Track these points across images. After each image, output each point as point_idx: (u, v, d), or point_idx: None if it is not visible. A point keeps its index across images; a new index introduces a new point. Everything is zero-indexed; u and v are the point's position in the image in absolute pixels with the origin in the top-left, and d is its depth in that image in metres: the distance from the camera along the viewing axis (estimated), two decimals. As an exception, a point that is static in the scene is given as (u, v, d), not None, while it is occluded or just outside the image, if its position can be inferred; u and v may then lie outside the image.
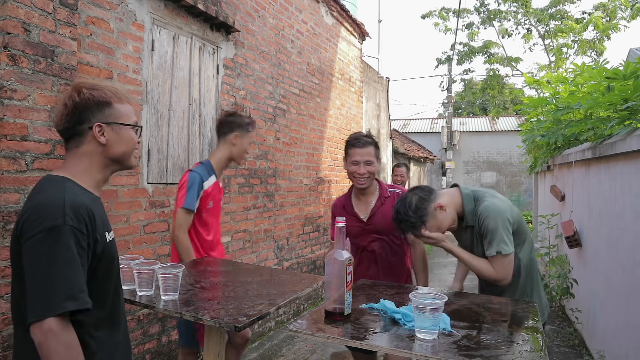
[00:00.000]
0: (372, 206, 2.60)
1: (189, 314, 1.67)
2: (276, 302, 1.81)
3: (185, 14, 3.77)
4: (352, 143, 2.56)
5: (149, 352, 3.43)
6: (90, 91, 1.41)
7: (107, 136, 1.42)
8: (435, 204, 2.18)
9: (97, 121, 1.41)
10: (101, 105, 1.42)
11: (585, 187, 4.90)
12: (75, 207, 1.29)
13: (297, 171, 5.77)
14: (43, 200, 1.29)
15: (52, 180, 1.37)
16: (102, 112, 1.42)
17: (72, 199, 1.29)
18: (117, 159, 1.47)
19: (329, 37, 6.73)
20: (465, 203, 2.25)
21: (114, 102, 1.44)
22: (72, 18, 2.67)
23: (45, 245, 1.23)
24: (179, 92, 3.76)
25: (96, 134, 1.40)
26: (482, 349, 1.36)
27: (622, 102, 3.77)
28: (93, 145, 1.42)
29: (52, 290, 1.20)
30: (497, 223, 2.13)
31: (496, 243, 2.10)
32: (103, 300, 1.37)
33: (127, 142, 1.46)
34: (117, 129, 1.44)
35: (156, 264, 1.90)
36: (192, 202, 2.63)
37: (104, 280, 1.38)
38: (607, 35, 13.71)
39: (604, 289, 4.05)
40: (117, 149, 1.44)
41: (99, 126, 1.40)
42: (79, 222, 1.28)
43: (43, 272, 1.21)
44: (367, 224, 2.56)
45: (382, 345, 1.37)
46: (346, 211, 2.60)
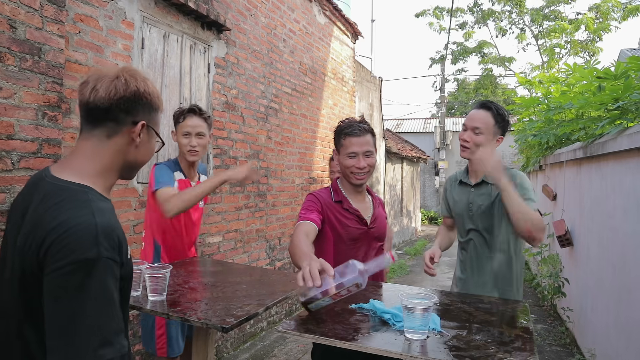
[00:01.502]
0: (371, 207, 2.28)
1: (176, 315, 1.64)
2: (265, 303, 1.79)
3: (175, 12, 3.74)
4: (347, 131, 2.14)
5: (139, 354, 3.39)
6: (147, 86, 1.26)
7: (142, 138, 1.26)
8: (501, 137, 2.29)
9: (145, 120, 1.25)
10: (152, 106, 1.28)
11: (576, 187, 4.91)
12: (108, 232, 1.08)
13: (290, 171, 5.75)
14: (71, 223, 1.05)
15: (74, 191, 1.14)
16: (150, 113, 1.27)
17: (104, 222, 1.08)
18: (133, 165, 1.30)
19: (322, 37, 6.71)
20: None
21: (159, 110, 1.31)
22: (60, 15, 2.63)
23: (75, 281, 1.01)
24: (170, 90, 3.73)
25: (137, 130, 1.23)
26: (472, 349, 1.35)
27: (612, 101, 3.78)
28: (124, 142, 1.23)
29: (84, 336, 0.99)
30: (529, 183, 2.20)
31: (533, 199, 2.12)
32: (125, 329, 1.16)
33: (150, 153, 1.32)
34: (151, 135, 1.29)
35: (143, 264, 1.87)
36: (166, 180, 2.44)
37: (125, 306, 1.20)
38: (599, 35, 13.81)
39: (595, 288, 4.07)
40: (141, 155, 1.29)
41: (144, 125, 1.25)
42: (113, 250, 1.07)
43: (73, 312, 1.00)
44: (370, 227, 2.20)
45: (371, 345, 1.35)
46: (343, 208, 2.17)
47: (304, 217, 2.02)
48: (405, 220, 13.45)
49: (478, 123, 2.25)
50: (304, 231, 1.92)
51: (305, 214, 2.05)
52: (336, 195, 2.20)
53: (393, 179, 12.03)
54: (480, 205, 2.28)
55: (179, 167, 2.65)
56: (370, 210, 2.26)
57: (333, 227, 2.12)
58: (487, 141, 2.24)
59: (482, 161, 2.05)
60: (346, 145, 2.14)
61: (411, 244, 12.80)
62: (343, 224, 2.13)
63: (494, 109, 2.25)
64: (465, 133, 2.29)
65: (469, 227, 2.36)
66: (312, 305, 1.54)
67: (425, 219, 19.35)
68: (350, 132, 2.12)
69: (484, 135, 2.24)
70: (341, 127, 2.18)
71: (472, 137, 2.26)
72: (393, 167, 12.00)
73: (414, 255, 11.01)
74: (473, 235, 2.35)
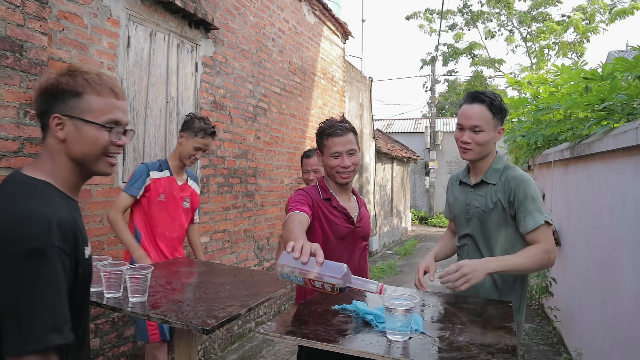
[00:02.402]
0: (356, 206, 2.28)
1: (156, 316, 1.62)
2: (248, 304, 1.77)
3: (162, 10, 3.70)
4: (329, 132, 2.13)
5: (124, 355, 3.35)
6: (59, 77, 1.21)
7: (66, 131, 1.20)
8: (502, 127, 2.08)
9: (58, 112, 1.20)
10: (66, 94, 1.20)
11: (564, 187, 4.94)
12: (62, 224, 1.11)
13: (278, 171, 5.73)
14: (26, 213, 1.09)
15: (32, 185, 1.17)
16: (66, 102, 1.20)
17: (58, 215, 1.12)
18: (78, 160, 1.23)
19: (311, 36, 6.70)
20: (497, 159, 2.10)
21: (84, 93, 1.20)
22: (43, 12, 2.59)
23: (28, 269, 1.04)
24: (156, 89, 3.69)
25: (53, 126, 1.20)
26: (454, 350, 1.34)
27: (599, 102, 3.80)
28: (54, 140, 1.22)
29: (34, 322, 1.03)
30: (537, 192, 1.94)
31: (541, 210, 1.90)
32: (77, 325, 1.19)
33: (89, 143, 1.21)
34: (79, 124, 1.20)
35: (124, 265, 1.84)
36: (132, 187, 2.75)
37: (81, 302, 1.22)
38: (587, 37, 13.95)
39: (582, 287, 4.09)
40: (77, 149, 1.22)
41: (58, 118, 1.19)
42: (64, 242, 1.10)
43: (24, 299, 1.03)
44: (356, 226, 2.20)
45: (353, 347, 1.34)
46: (332, 205, 2.16)
47: (296, 209, 1.98)
48: (395, 220, 13.47)
49: (476, 120, 2.01)
50: (297, 219, 1.89)
51: (297, 205, 2.02)
52: (324, 193, 2.19)
53: (383, 179, 12.04)
54: (477, 207, 2.09)
55: (167, 167, 2.90)
56: (357, 210, 2.26)
57: (322, 224, 2.11)
58: (490, 137, 2.03)
59: (469, 282, 1.77)
60: (329, 146, 2.14)
61: (401, 244, 12.82)
62: (331, 221, 2.13)
63: (488, 100, 2.02)
64: (464, 133, 2.05)
65: (464, 232, 2.19)
66: (284, 273, 1.45)
67: (416, 219, 19.40)
68: (332, 132, 2.12)
69: (485, 132, 2.02)
70: (323, 128, 2.18)
71: (473, 137, 2.03)
72: (383, 167, 12.02)
73: (404, 255, 11.03)
74: (468, 241, 2.18)
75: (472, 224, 2.14)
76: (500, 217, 2.03)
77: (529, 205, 1.92)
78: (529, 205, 1.92)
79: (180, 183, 2.95)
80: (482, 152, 2.07)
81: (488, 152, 2.09)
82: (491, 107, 2.02)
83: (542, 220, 1.90)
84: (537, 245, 1.90)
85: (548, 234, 1.91)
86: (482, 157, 2.10)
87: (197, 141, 2.83)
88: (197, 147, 2.84)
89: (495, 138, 2.06)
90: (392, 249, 11.82)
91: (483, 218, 2.07)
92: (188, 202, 3.00)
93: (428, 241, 14.05)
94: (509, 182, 2.01)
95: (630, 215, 2.86)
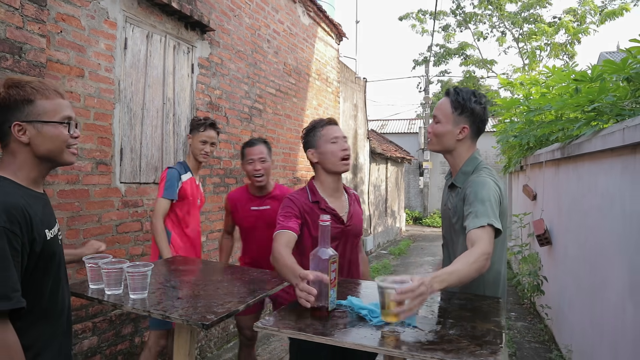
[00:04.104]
0: (347, 205, 2.31)
1: (157, 312, 1.66)
2: (245, 300, 1.82)
3: (159, 12, 3.74)
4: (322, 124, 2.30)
5: (122, 354, 3.39)
6: (8, 90, 1.38)
7: (29, 134, 1.39)
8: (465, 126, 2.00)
9: (16, 120, 1.37)
10: (19, 103, 1.38)
11: (555, 187, 5.02)
12: (8, 208, 1.28)
13: (274, 171, 5.77)
14: None
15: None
16: (21, 110, 1.38)
17: (6, 200, 1.30)
18: (45, 157, 1.44)
19: (306, 38, 6.75)
20: (468, 161, 2.05)
21: (36, 99, 1.40)
22: (41, 14, 2.63)
23: None
24: (153, 90, 3.73)
25: (15, 133, 1.38)
26: (445, 342, 1.40)
27: (588, 103, 3.88)
28: (17, 144, 1.40)
29: None
30: (490, 194, 1.86)
31: (488, 213, 1.79)
32: (39, 296, 1.39)
33: (53, 140, 1.42)
34: (40, 126, 1.40)
35: (125, 263, 1.89)
36: (169, 192, 2.93)
37: (41, 277, 1.40)
38: (578, 39, 14.09)
39: (573, 286, 4.17)
40: (43, 147, 1.41)
41: (18, 125, 1.38)
42: (12, 223, 1.27)
43: None
44: (347, 225, 2.24)
45: (348, 340, 1.39)
46: (320, 208, 2.19)
47: (282, 226, 2.06)
48: (389, 221, 13.55)
49: (436, 111, 2.06)
50: (284, 242, 1.97)
51: (284, 221, 2.09)
52: (313, 196, 2.22)
53: (377, 180, 12.11)
54: (449, 209, 2.08)
55: (188, 168, 3.10)
56: (347, 208, 2.29)
57: (310, 230, 2.16)
58: (447, 132, 2.02)
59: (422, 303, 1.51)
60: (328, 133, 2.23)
61: (395, 244, 12.90)
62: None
63: (453, 94, 2.02)
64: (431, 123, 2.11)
65: (442, 233, 2.22)
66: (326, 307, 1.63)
67: (410, 219, 19.50)
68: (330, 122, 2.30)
69: (441, 124, 2.03)
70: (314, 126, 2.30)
71: (433, 126, 2.07)
72: (377, 167, 12.09)
73: (398, 255, 11.10)
74: (444, 241, 2.21)
75: (445, 225, 2.17)
76: (460, 221, 1.97)
77: (476, 206, 1.83)
78: (475, 207, 1.83)
79: (197, 182, 3.19)
80: (440, 144, 2.06)
81: (449, 147, 2.06)
82: (453, 102, 2.01)
83: (484, 222, 1.77)
84: (475, 250, 1.71)
85: (488, 238, 1.76)
86: (444, 151, 2.09)
87: (200, 135, 3.03)
88: (203, 140, 3.03)
89: (455, 135, 2.02)
90: (386, 249, 11.90)
91: (451, 220, 2.07)
92: (199, 201, 3.23)
93: (422, 241, 14.13)
94: (466, 186, 1.97)
95: (618, 214, 2.93)
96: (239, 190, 3.22)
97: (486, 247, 1.71)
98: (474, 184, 1.93)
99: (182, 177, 3.01)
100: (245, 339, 3.17)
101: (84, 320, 3.08)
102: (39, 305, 1.39)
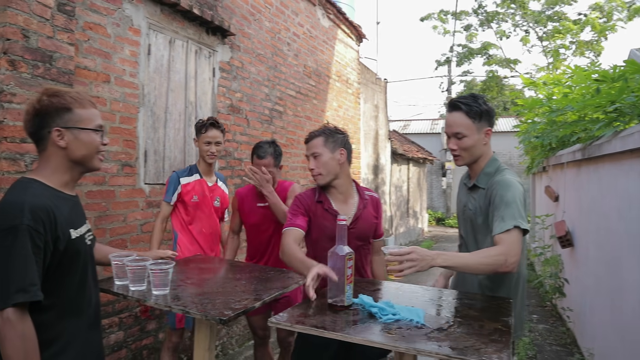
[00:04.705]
0: (355, 208, 2.36)
1: (177, 308, 1.75)
2: (262, 297, 1.90)
3: (181, 18, 3.86)
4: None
5: (146, 348, 3.51)
6: (50, 98, 1.52)
7: (66, 140, 1.53)
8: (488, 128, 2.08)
9: (56, 126, 1.52)
10: (60, 110, 1.52)
11: (576, 188, 4.97)
12: (34, 208, 1.41)
13: (294, 172, 5.86)
14: (8, 201, 1.43)
15: (21, 182, 1.50)
16: (61, 117, 1.52)
17: (32, 201, 1.42)
18: (79, 161, 1.58)
19: (326, 40, 6.82)
20: (489, 163, 2.12)
21: (74, 108, 1.54)
22: (70, 24, 2.76)
23: (5, 243, 1.37)
24: (175, 95, 3.85)
25: (55, 138, 1.52)
26: (451, 340, 1.44)
27: (609, 104, 3.84)
28: (55, 149, 1.53)
29: (7, 284, 1.35)
30: (516, 195, 1.92)
31: (514, 215, 1.85)
32: (64, 292, 1.51)
33: (87, 146, 1.57)
34: (77, 133, 1.55)
35: (148, 260, 1.98)
36: (167, 195, 3.06)
37: (66, 273, 1.51)
38: (604, 36, 13.79)
39: (594, 288, 4.13)
40: (78, 152, 1.56)
41: (58, 131, 1.52)
42: (36, 222, 1.40)
43: (2, 267, 1.36)
44: (350, 227, 2.26)
45: (358, 336, 1.45)
46: (324, 208, 2.30)
47: (290, 223, 2.25)
48: (411, 221, 13.52)
49: (456, 128, 2.09)
50: (292, 238, 2.17)
51: (292, 219, 2.27)
52: (319, 196, 2.34)
53: (399, 180, 12.10)
54: (470, 210, 2.13)
55: (197, 170, 3.17)
56: (353, 211, 2.35)
57: (314, 226, 2.30)
58: (475, 141, 2.07)
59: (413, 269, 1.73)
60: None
61: (417, 245, 12.82)
62: (322, 223, 2.28)
63: (465, 106, 2.06)
64: (450, 141, 2.13)
65: (460, 232, 2.28)
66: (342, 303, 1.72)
67: (433, 219, 19.37)
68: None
69: (468, 137, 2.07)
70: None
71: (458, 143, 2.10)
72: (399, 168, 12.07)
73: (420, 255, 11.03)
74: (461, 242, 2.26)
75: (465, 226, 2.21)
76: (486, 221, 2.04)
77: (502, 209, 1.90)
78: (502, 210, 1.90)
79: (210, 184, 3.21)
80: (471, 156, 2.12)
81: (478, 155, 2.13)
82: (469, 113, 2.06)
83: (511, 225, 1.84)
84: (496, 248, 1.84)
85: (513, 239, 1.83)
86: (474, 160, 2.14)
87: (203, 137, 3.09)
88: (207, 141, 3.09)
89: (482, 140, 2.09)
90: (407, 250, 11.83)
91: (473, 221, 2.12)
92: (218, 201, 3.25)
93: (445, 242, 14.04)
94: (492, 187, 2.02)
95: (637, 217, 2.91)
96: (247, 188, 3.26)
97: (507, 249, 1.81)
98: (499, 185, 1.99)
99: (181, 180, 3.07)
100: (259, 339, 3.24)
101: (110, 316, 3.21)
102: (64, 300, 1.51)
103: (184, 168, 3.22)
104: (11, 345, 1.32)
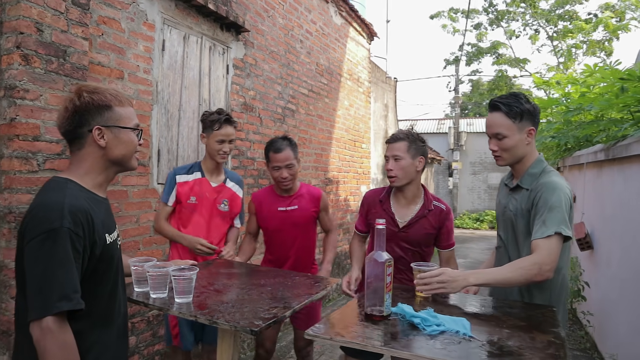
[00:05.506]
0: (413, 214, 2.40)
1: (204, 317, 1.64)
2: (291, 306, 1.79)
3: (195, 13, 3.76)
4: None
5: (159, 354, 3.41)
6: (91, 95, 1.44)
7: (106, 139, 1.46)
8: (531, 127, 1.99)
9: (97, 124, 1.44)
10: (101, 108, 1.45)
11: (597, 189, 4.84)
12: (74, 210, 1.33)
13: (306, 172, 5.75)
14: (45, 203, 1.34)
15: (56, 182, 1.42)
16: (102, 115, 1.45)
17: (71, 202, 1.34)
18: (117, 161, 1.51)
19: (338, 37, 6.71)
20: (535, 163, 2.03)
21: (114, 106, 1.47)
22: (84, 18, 2.66)
23: (44, 247, 1.27)
24: (189, 92, 3.74)
25: (96, 136, 1.44)
26: (506, 355, 1.33)
27: (636, 103, 3.72)
28: (93, 148, 1.46)
29: (49, 291, 1.25)
30: (562, 199, 1.84)
31: (557, 221, 1.79)
32: (98, 300, 1.42)
33: (127, 145, 1.50)
34: (117, 131, 1.48)
35: (170, 266, 1.87)
36: (163, 194, 2.80)
37: (99, 280, 1.43)
38: (617, 35, 13.64)
39: (617, 293, 4.00)
40: (117, 152, 1.49)
41: (99, 129, 1.44)
42: (76, 225, 1.31)
43: (42, 272, 1.26)
44: (401, 230, 2.36)
45: (405, 350, 1.34)
46: (382, 208, 2.44)
47: (356, 227, 2.67)
48: (419, 222, 13.38)
49: (496, 128, 2.02)
50: (357, 240, 2.68)
51: (357, 222, 2.68)
52: (383, 195, 2.51)
53: (407, 180, 11.97)
54: (511, 211, 2.07)
55: (199, 168, 2.83)
56: (410, 217, 2.42)
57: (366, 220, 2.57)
58: (517, 141, 2.00)
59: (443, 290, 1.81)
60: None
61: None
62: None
63: (504, 106, 1.99)
64: (491, 141, 2.07)
65: (499, 234, 2.20)
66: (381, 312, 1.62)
67: (439, 220, 19.21)
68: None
69: (508, 137, 2.00)
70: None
71: (498, 144, 2.03)
72: (407, 168, 11.94)
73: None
74: (501, 244, 2.19)
75: (505, 227, 2.14)
76: (528, 223, 1.97)
77: (545, 213, 1.84)
78: (545, 214, 1.84)
79: (214, 184, 2.81)
80: (512, 156, 2.06)
81: (521, 155, 2.05)
82: (509, 113, 1.99)
83: (552, 230, 1.79)
84: (529, 257, 1.80)
85: (550, 246, 1.78)
86: (517, 160, 2.07)
87: (216, 134, 2.71)
88: (219, 139, 2.71)
89: (524, 140, 2.01)
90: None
91: (514, 222, 2.05)
92: (226, 204, 2.84)
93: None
94: (536, 189, 1.95)
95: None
96: (264, 190, 3.04)
97: (541, 257, 1.77)
98: (544, 188, 1.92)
99: (177, 178, 2.75)
100: (265, 353, 2.92)
101: (123, 320, 3.11)
102: (97, 308, 1.41)
103: (184, 165, 2.89)
104: (52, 356, 1.23)
